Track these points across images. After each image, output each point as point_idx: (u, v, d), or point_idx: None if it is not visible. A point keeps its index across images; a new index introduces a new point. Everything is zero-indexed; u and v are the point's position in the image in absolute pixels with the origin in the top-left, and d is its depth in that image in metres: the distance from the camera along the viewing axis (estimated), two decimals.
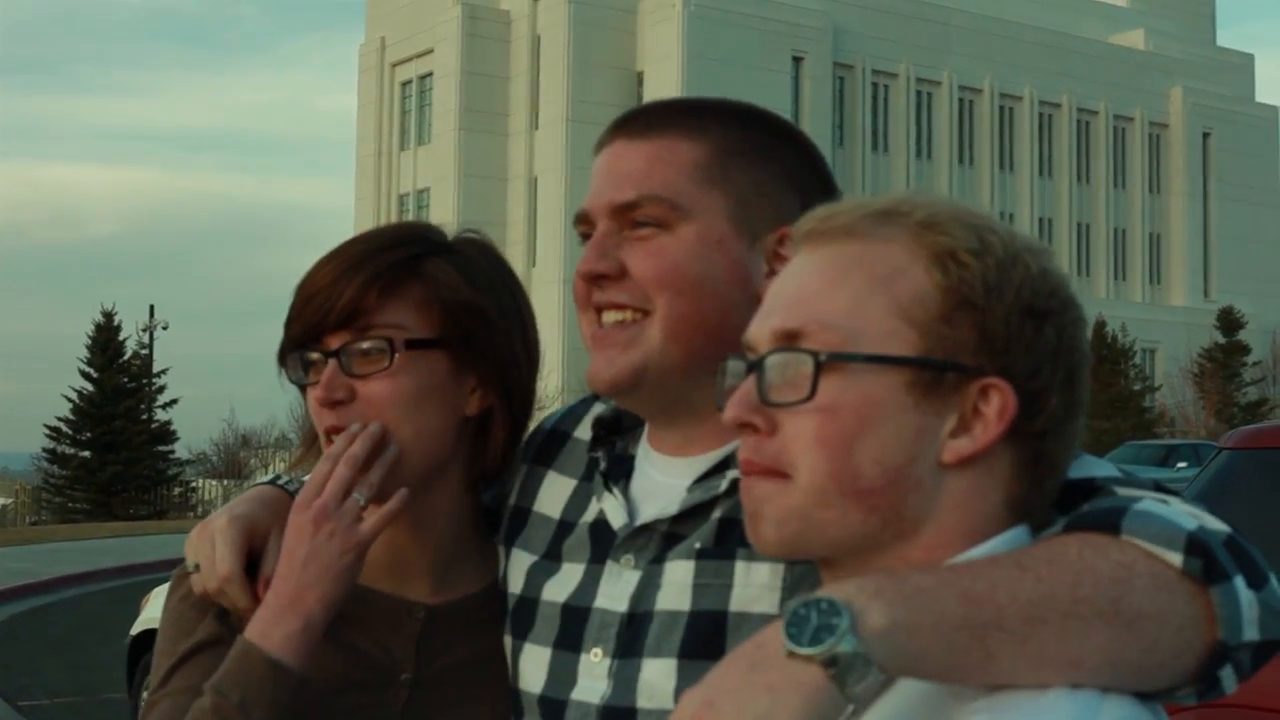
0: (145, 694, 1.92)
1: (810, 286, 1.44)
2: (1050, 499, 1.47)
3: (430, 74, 71.21)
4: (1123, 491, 1.49)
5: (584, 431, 2.03)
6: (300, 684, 1.80)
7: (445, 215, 68.25)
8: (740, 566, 1.75)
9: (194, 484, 56.84)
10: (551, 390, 56.19)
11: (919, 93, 73.33)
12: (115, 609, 17.03)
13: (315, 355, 1.88)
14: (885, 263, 1.42)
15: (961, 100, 74.37)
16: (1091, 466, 1.55)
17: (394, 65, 73.81)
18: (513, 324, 1.96)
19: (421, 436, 1.89)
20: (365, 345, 1.85)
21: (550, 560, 1.95)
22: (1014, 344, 1.39)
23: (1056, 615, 1.32)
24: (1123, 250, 78.17)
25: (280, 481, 2.06)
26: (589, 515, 1.94)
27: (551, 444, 2.07)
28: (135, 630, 10.60)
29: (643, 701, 1.77)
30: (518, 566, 1.99)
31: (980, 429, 1.39)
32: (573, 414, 2.09)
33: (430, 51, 70.79)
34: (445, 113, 69.62)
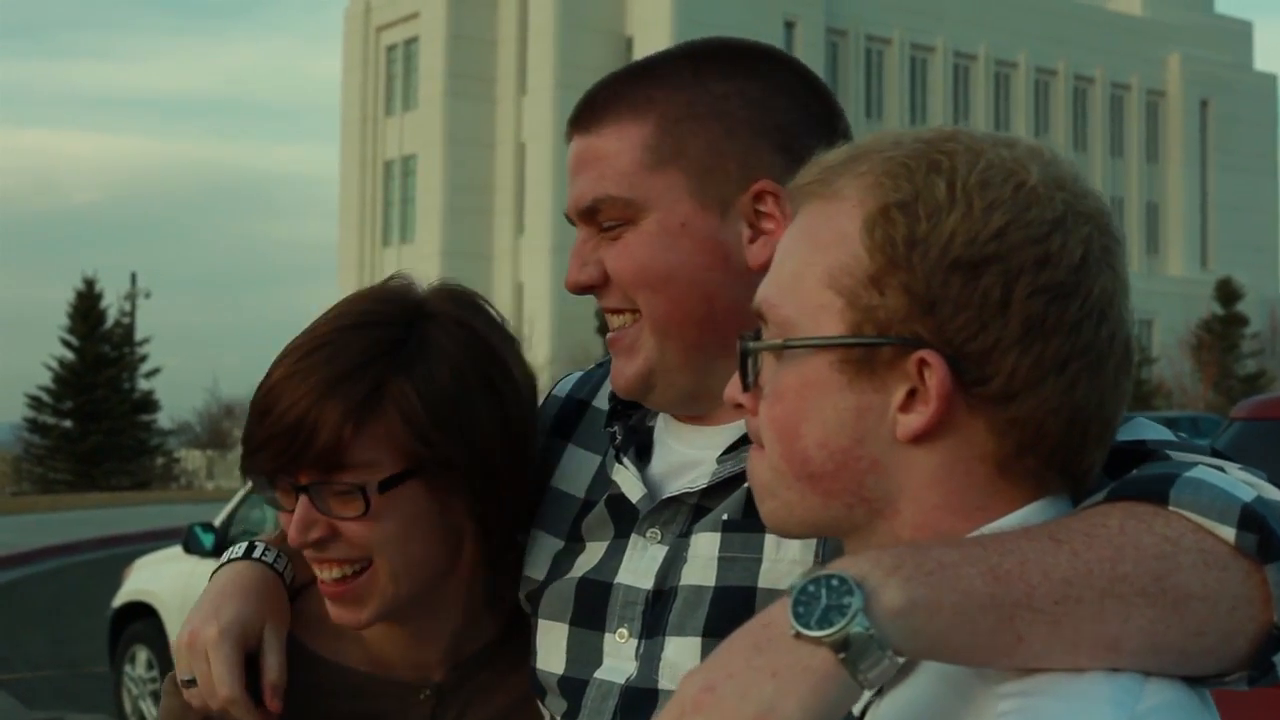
0: (127, 669, 1.76)
1: (777, 256, 1.40)
2: (1072, 464, 1.33)
3: (416, 38, 70.90)
4: (1175, 456, 1.40)
5: (602, 400, 1.96)
6: None
7: (432, 182, 68.39)
8: (770, 540, 1.68)
9: (177, 454, 57.24)
10: (541, 360, 56.98)
11: (913, 59, 73.25)
12: (97, 581, 16.97)
13: (284, 488, 1.77)
14: (829, 226, 1.34)
15: (956, 66, 74.30)
16: (1143, 429, 1.47)
17: (379, 29, 73.46)
18: (492, 417, 1.81)
19: (413, 564, 1.79)
20: (339, 489, 1.74)
21: (573, 540, 1.89)
22: (940, 304, 1.27)
23: (1094, 594, 1.23)
24: (1119, 219, 77.73)
25: (257, 554, 1.94)
26: (609, 490, 1.87)
27: (569, 414, 2.00)
28: (118, 603, 10.65)
29: (665, 682, 1.71)
30: (538, 546, 1.92)
31: (923, 402, 1.28)
32: (589, 380, 2.04)
33: (416, 15, 70.47)
34: (432, 77, 69.36)
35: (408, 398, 1.75)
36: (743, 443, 1.72)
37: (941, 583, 1.22)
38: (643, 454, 1.88)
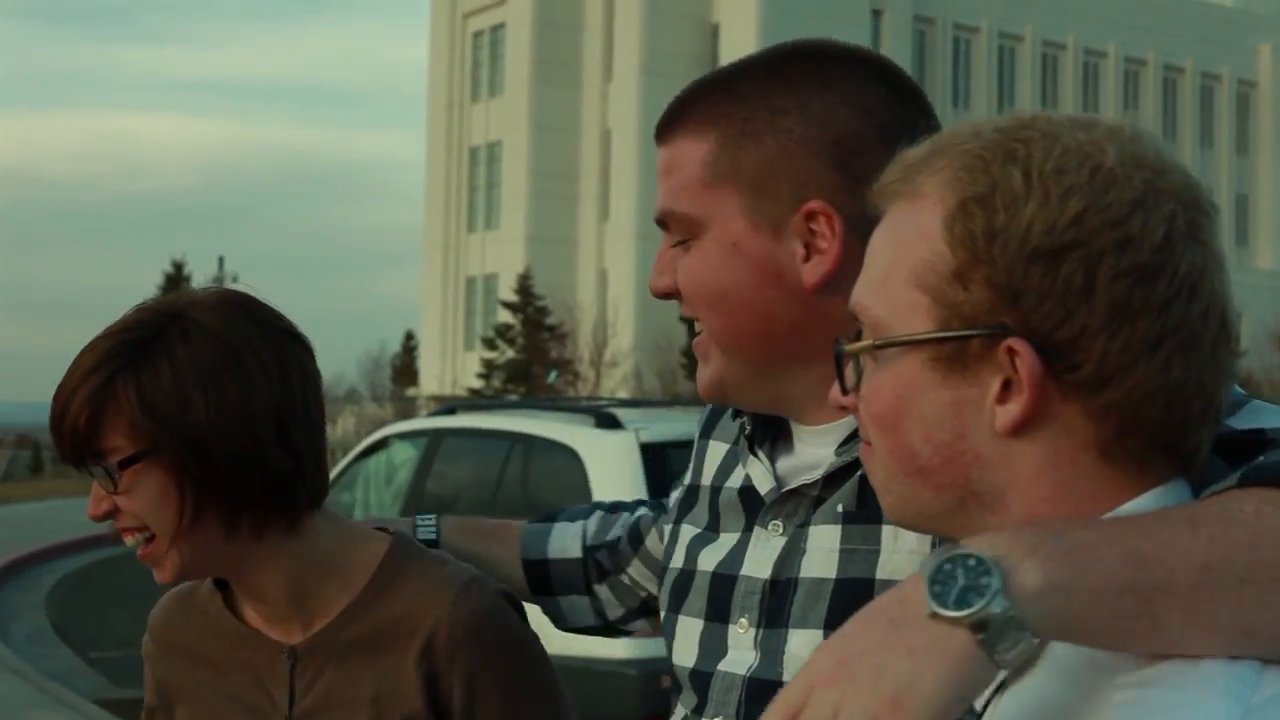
0: None
1: (867, 257, 1.41)
2: (1177, 445, 1.31)
3: (503, 24, 70.89)
4: None
5: None
6: None
7: (517, 168, 68.43)
8: (888, 531, 1.69)
9: None
10: (625, 346, 56.79)
11: (1001, 48, 72.48)
12: None
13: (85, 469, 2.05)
14: (912, 224, 1.35)
15: (1045, 56, 73.52)
16: (1262, 415, 1.43)
17: (466, 16, 73.48)
18: (213, 408, 1.99)
19: (181, 532, 2.00)
20: (99, 470, 2.00)
21: (709, 530, 1.93)
22: (1024, 295, 1.28)
23: (1232, 580, 1.22)
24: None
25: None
26: (737, 481, 1.90)
27: (714, 414, 2.06)
28: None
29: (788, 675, 1.70)
30: (682, 541, 1.98)
31: (1018, 392, 1.29)
32: None
33: (503, 2, 70.44)
34: (518, 64, 69.35)
35: (128, 393, 1.98)
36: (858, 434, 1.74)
37: (1080, 564, 1.21)
38: (776, 444, 1.88)
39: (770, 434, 1.89)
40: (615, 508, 2.37)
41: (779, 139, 1.75)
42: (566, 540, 2.32)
